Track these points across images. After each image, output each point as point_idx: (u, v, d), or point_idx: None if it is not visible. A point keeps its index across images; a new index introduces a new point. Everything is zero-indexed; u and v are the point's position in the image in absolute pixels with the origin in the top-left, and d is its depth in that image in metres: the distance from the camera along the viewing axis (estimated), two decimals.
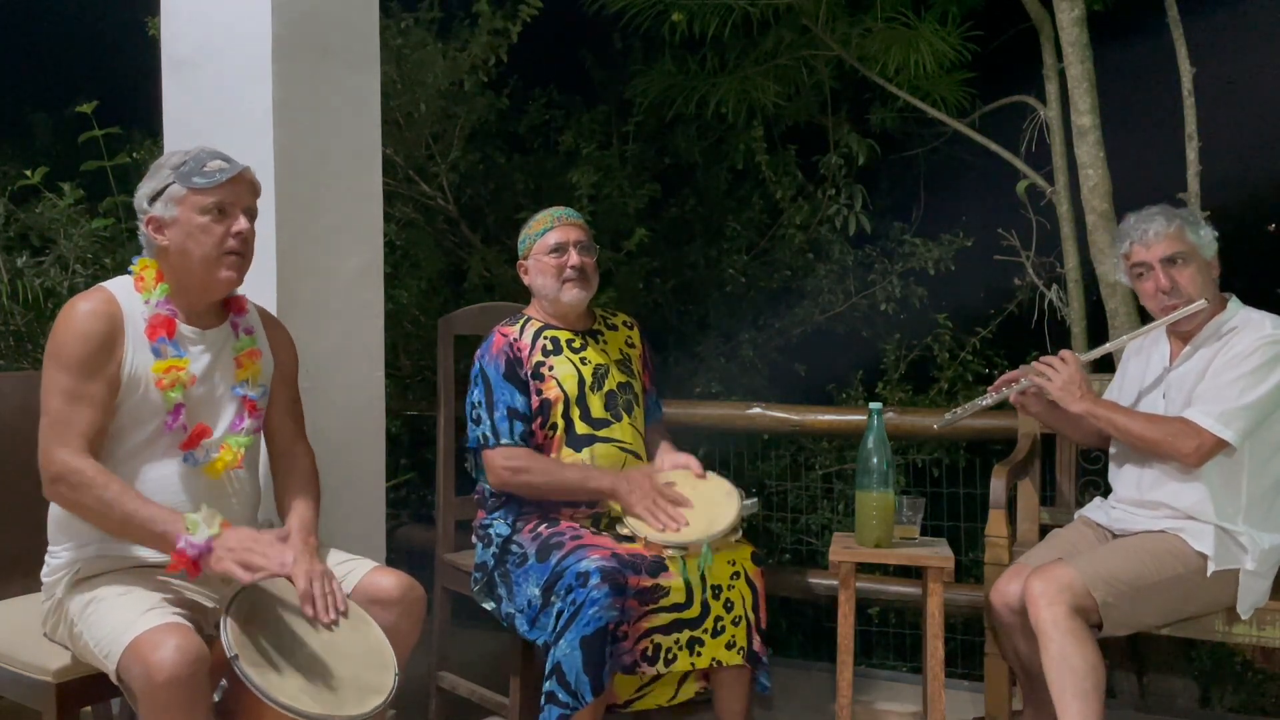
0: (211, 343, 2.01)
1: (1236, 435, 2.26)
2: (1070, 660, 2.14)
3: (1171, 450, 2.31)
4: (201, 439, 1.96)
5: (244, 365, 2.04)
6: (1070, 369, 2.41)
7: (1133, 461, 2.47)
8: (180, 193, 1.93)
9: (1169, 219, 2.39)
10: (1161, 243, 2.37)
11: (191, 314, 1.99)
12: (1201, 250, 2.39)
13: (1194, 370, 2.39)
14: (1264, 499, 2.33)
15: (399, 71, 3.99)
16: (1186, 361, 2.41)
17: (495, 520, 2.47)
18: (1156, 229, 2.38)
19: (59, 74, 5.94)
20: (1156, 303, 2.41)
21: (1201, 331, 2.40)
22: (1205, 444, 2.27)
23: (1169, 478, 2.37)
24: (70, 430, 1.82)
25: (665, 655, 2.25)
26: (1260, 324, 2.34)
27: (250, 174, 1.99)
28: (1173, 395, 2.42)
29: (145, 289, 1.95)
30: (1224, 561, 2.28)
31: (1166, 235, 2.37)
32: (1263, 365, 2.27)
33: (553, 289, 2.49)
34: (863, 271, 4.83)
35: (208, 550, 1.77)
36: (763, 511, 4.24)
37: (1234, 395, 2.27)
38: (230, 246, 1.95)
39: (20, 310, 3.22)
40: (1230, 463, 2.31)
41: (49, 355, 1.87)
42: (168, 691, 1.65)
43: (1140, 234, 2.40)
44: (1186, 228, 2.39)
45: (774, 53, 4.54)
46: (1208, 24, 3.60)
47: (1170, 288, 2.37)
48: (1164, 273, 2.37)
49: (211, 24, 2.46)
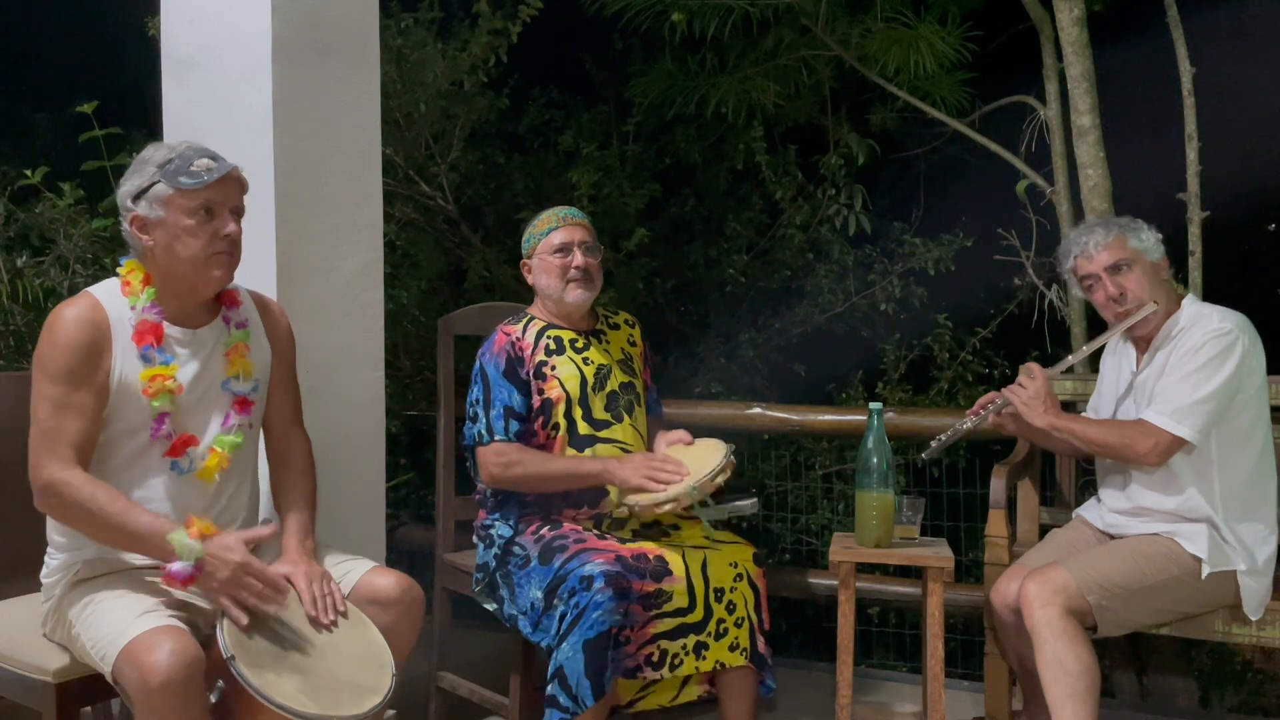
0: (202, 343, 1.97)
1: (1192, 431, 2.27)
2: (1064, 662, 2.15)
3: (1131, 453, 2.32)
4: (187, 447, 1.92)
5: (233, 361, 2.00)
6: (1036, 384, 2.43)
7: (1116, 471, 2.49)
8: (166, 193, 1.87)
9: (1107, 229, 2.43)
10: (1103, 252, 2.41)
11: (181, 314, 1.95)
12: (1146, 254, 2.42)
13: (1154, 372, 2.40)
14: (1238, 492, 2.34)
15: (399, 71, 3.99)
16: (1149, 365, 2.43)
17: (497, 521, 2.47)
18: (1096, 240, 2.42)
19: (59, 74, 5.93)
20: (1110, 311, 2.44)
21: (1159, 333, 2.42)
22: (1162, 443, 2.28)
23: (1152, 484, 2.38)
24: (59, 441, 1.80)
25: (671, 660, 2.24)
26: (1209, 318, 2.35)
27: (238, 172, 1.94)
28: (1140, 400, 2.43)
29: (132, 293, 1.91)
30: (1218, 563, 2.28)
31: (1107, 245, 2.41)
32: (1213, 359, 2.28)
33: (557, 289, 2.49)
34: (863, 271, 4.83)
35: (195, 575, 1.75)
36: (763, 511, 4.24)
37: (1186, 391, 2.28)
38: (219, 248, 1.91)
39: (20, 310, 3.23)
40: (1200, 460, 2.33)
41: (36, 365, 1.85)
42: (162, 695, 1.64)
43: (1081, 247, 2.44)
44: (1127, 234, 2.42)
45: (774, 53, 4.54)
46: (1208, 24, 3.60)
47: (1119, 294, 2.40)
48: (1111, 281, 2.40)
49: (211, 24, 2.46)
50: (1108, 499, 2.52)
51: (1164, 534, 2.34)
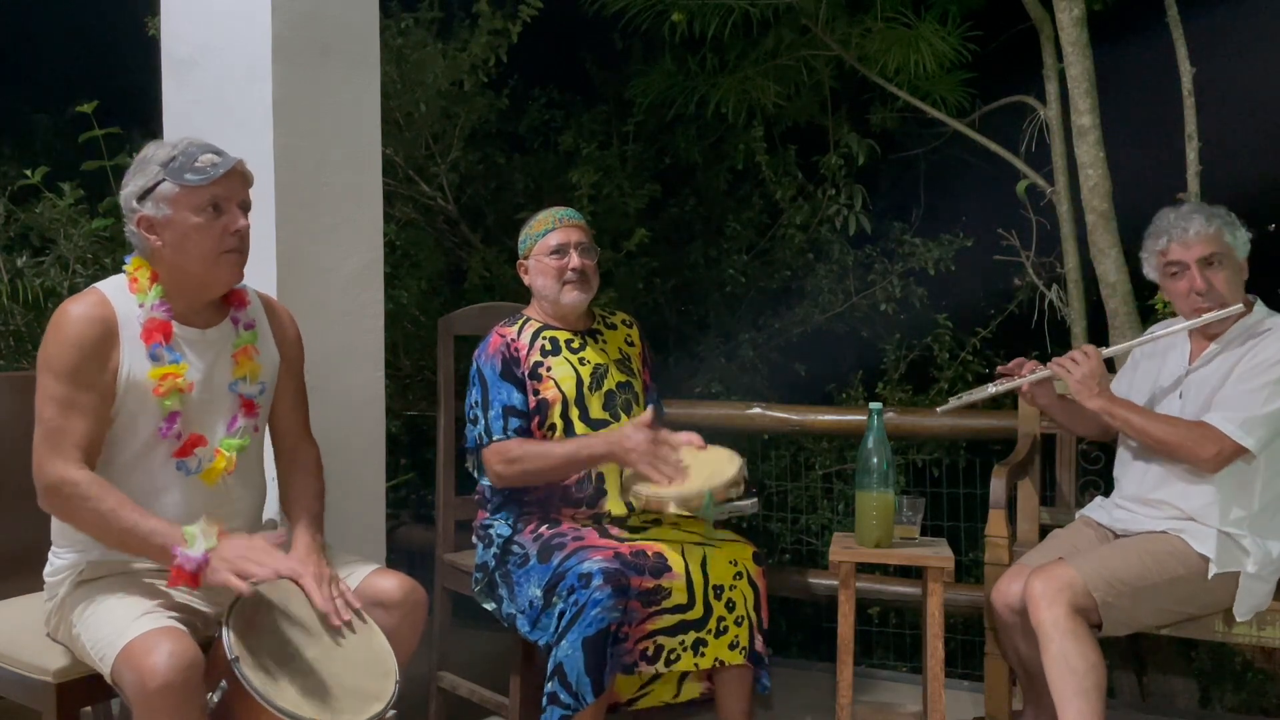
0: (211, 343, 1.96)
1: (1257, 443, 2.24)
2: (1070, 660, 2.14)
3: (1190, 455, 2.28)
4: (195, 447, 1.91)
5: (240, 362, 1.98)
6: (1091, 364, 2.37)
7: (1141, 459, 2.45)
8: (172, 191, 1.85)
9: (1209, 219, 2.34)
10: (1200, 243, 2.33)
11: (189, 313, 1.93)
12: (1236, 252, 2.36)
13: (1216, 373, 2.35)
14: (1273, 507, 2.32)
15: (399, 71, 3.99)
16: (1209, 364, 2.37)
17: (496, 521, 2.47)
18: (1196, 228, 2.33)
19: (59, 74, 5.92)
20: (1188, 303, 2.36)
21: (1227, 333, 2.37)
22: (1226, 450, 2.24)
23: (1176, 478, 2.35)
24: (65, 440, 1.78)
25: (668, 655, 2.25)
26: None
27: (243, 165, 1.91)
28: (1191, 396, 2.38)
29: (140, 290, 1.89)
30: (1225, 564, 2.27)
31: (1205, 235, 2.33)
32: None
33: (553, 290, 2.49)
34: (863, 271, 4.84)
35: (205, 563, 1.74)
36: (763, 511, 4.24)
37: (1258, 403, 2.24)
38: (229, 244, 1.88)
39: (20, 310, 3.22)
40: (1245, 469, 2.29)
41: (41, 362, 1.82)
42: (161, 697, 1.64)
43: (1180, 232, 2.35)
44: (1225, 229, 2.34)
45: (774, 53, 4.54)
46: (1208, 24, 3.60)
47: (1206, 289, 2.33)
48: (1200, 274, 2.33)
49: (211, 24, 2.46)
50: (1123, 484, 2.49)
51: (1172, 531, 2.32)
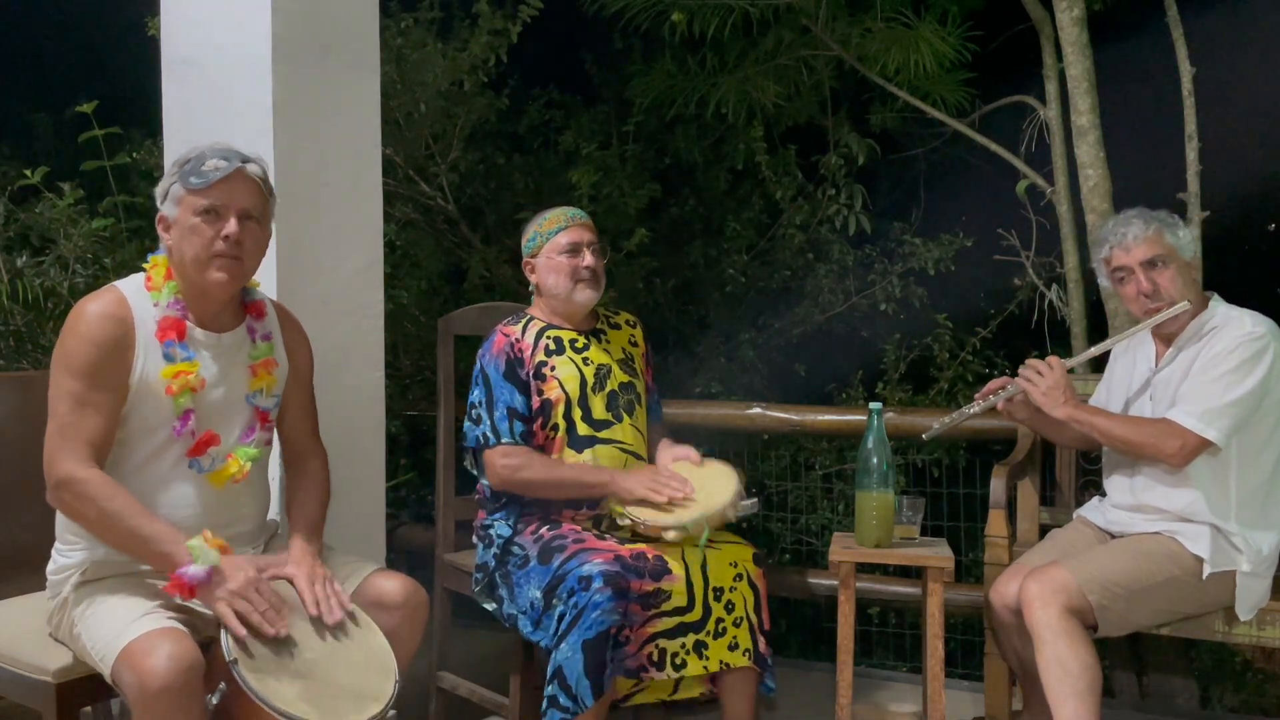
0: (225, 348, 1.96)
1: (1220, 434, 2.26)
2: (1065, 661, 2.14)
3: (1155, 452, 2.30)
4: (209, 446, 1.92)
5: (259, 375, 1.99)
6: (1055, 374, 2.39)
7: (1123, 466, 2.47)
8: (180, 192, 1.89)
9: (1147, 222, 2.39)
10: (1141, 246, 2.37)
11: (205, 316, 1.94)
12: (1181, 251, 2.39)
13: (1178, 371, 2.38)
14: (1254, 497, 2.33)
15: (399, 71, 3.99)
16: (1171, 363, 2.41)
17: (496, 521, 2.47)
18: (1135, 232, 2.38)
19: (59, 74, 5.93)
20: (1139, 306, 2.41)
21: (1184, 332, 2.40)
22: (1189, 444, 2.27)
23: (1160, 481, 2.37)
24: (77, 438, 1.79)
25: (673, 660, 2.24)
26: (1240, 321, 2.33)
27: (250, 172, 1.91)
28: (1159, 397, 2.41)
29: (155, 288, 1.91)
30: (1220, 564, 2.28)
31: (1146, 238, 2.37)
32: (1244, 362, 2.27)
33: (565, 289, 2.49)
34: (863, 271, 4.84)
35: (206, 580, 1.75)
36: (763, 511, 4.24)
37: (1216, 394, 2.27)
38: (218, 249, 1.88)
39: (20, 310, 3.22)
40: (1218, 462, 2.31)
41: (57, 359, 1.83)
42: (160, 699, 1.64)
43: (1119, 238, 2.40)
44: (1165, 230, 2.38)
45: (774, 53, 4.54)
46: (1208, 24, 3.60)
47: (1152, 290, 2.37)
48: (1145, 276, 2.37)
49: (211, 24, 2.46)
50: (1112, 493, 2.50)
51: (1165, 533, 2.33)
